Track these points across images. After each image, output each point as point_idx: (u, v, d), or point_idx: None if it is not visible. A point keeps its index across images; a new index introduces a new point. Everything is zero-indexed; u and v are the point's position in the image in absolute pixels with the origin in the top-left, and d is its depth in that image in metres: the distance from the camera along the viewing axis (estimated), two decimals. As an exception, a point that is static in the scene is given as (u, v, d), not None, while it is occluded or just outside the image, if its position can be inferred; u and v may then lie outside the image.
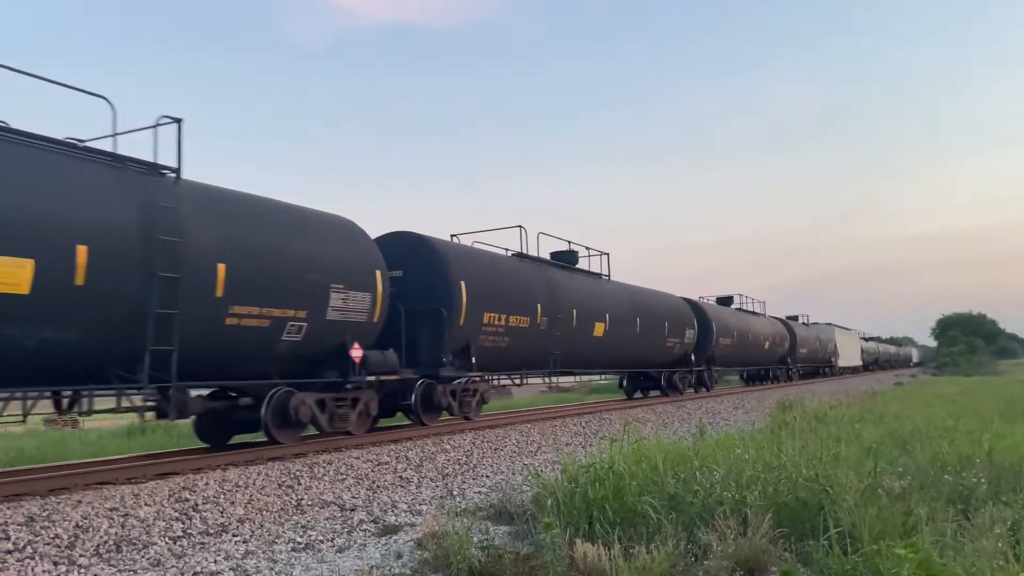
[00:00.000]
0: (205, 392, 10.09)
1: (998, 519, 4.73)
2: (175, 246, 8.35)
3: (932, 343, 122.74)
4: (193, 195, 9.09)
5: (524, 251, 16.56)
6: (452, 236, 16.00)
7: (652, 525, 5.05)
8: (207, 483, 7.75)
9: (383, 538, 6.15)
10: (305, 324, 10.07)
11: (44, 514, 6.29)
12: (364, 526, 6.62)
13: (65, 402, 8.37)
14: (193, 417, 10.16)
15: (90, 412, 8.46)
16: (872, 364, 72.27)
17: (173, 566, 5.38)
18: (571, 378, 23.63)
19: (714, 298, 31.43)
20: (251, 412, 10.07)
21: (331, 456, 9.79)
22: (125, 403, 8.65)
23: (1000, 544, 4.17)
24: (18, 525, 5.94)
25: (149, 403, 8.82)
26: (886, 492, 5.34)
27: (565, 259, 18.32)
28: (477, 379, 14.00)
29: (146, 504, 6.81)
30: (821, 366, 48.52)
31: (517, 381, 16.88)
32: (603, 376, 28.43)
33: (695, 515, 5.22)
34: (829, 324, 53.51)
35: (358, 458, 9.74)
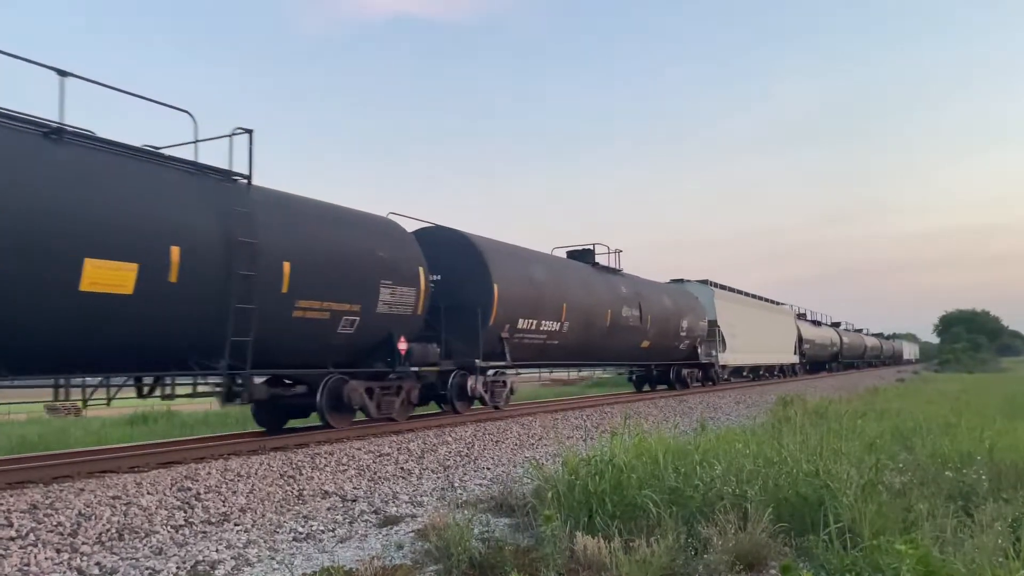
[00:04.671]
0: (262, 379, 10.72)
1: (999, 516, 4.73)
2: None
3: (935, 340, 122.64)
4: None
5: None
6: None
7: (652, 519, 5.05)
8: (209, 472, 7.79)
9: (384, 529, 6.17)
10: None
11: (47, 502, 6.32)
12: (365, 517, 6.64)
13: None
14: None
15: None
16: (830, 361, 51.65)
17: (175, 555, 5.41)
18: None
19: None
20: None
21: (333, 447, 9.82)
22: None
23: (1000, 541, 4.17)
24: (21, 512, 5.97)
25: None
26: (887, 488, 5.34)
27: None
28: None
29: (148, 493, 6.84)
30: (669, 365, 24.25)
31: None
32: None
33: (695, 509, 5.23)
34: (706, 282, 28.84)
35: (360, 449, 9.78)
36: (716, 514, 4.89)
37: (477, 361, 13.83)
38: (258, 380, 10.21)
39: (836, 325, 59.11)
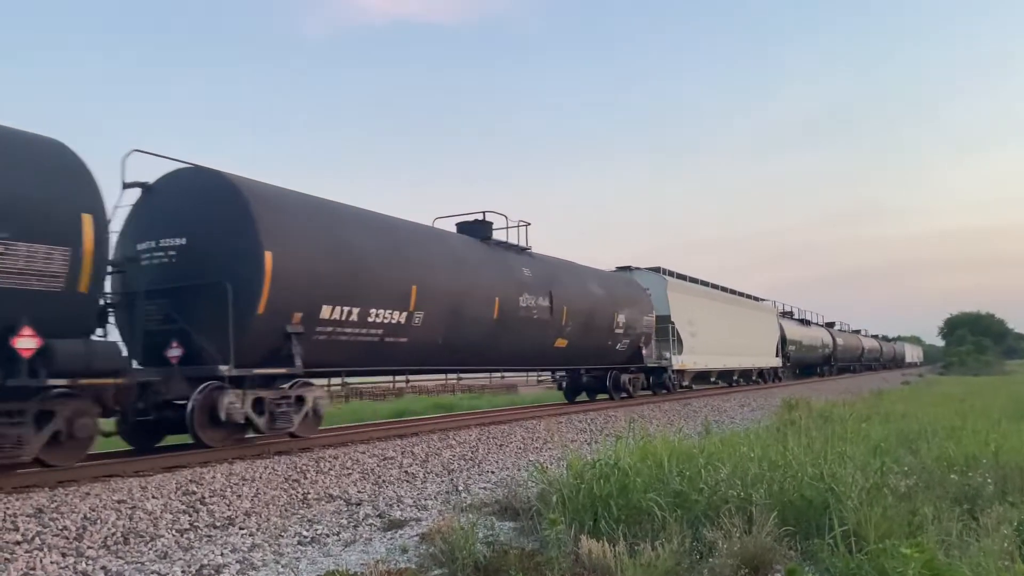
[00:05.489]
0: None
1: (1004, 519, 4.72)
2: None
3: (940, 342, 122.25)
4: None
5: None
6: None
7: (657, 522, 5.06)
8: (214, 476, 7.80)
9: (388, 533, 6.19)
10: None
11: (52, 505, 6.34)
12: (370, 521, 6.65)
13: None
14: None
15: None
16: (822, 364, 47.88)
17: (180, 559, 5.42)
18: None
19: None
20: None
21: (337, 451, 9.84)
22: None
23: (1006, 544, 4.17)
24: (27, 516, 5.99)
25: None
26: (892, 491, 5.33)
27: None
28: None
29: (153, 497, 6.86)
30: (605, 368, 19.57)
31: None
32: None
33: (700, 513, 5.23)
34: (657, 270, 24.49)
35: (364, 453, 9.79)
36: (721, 517, 4.88)
37: (223, 368, 9.08)
38: None
39: (830, 325, 54.53)
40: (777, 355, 36.09)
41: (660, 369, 22.12)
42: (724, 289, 31.73)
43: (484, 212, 15.47)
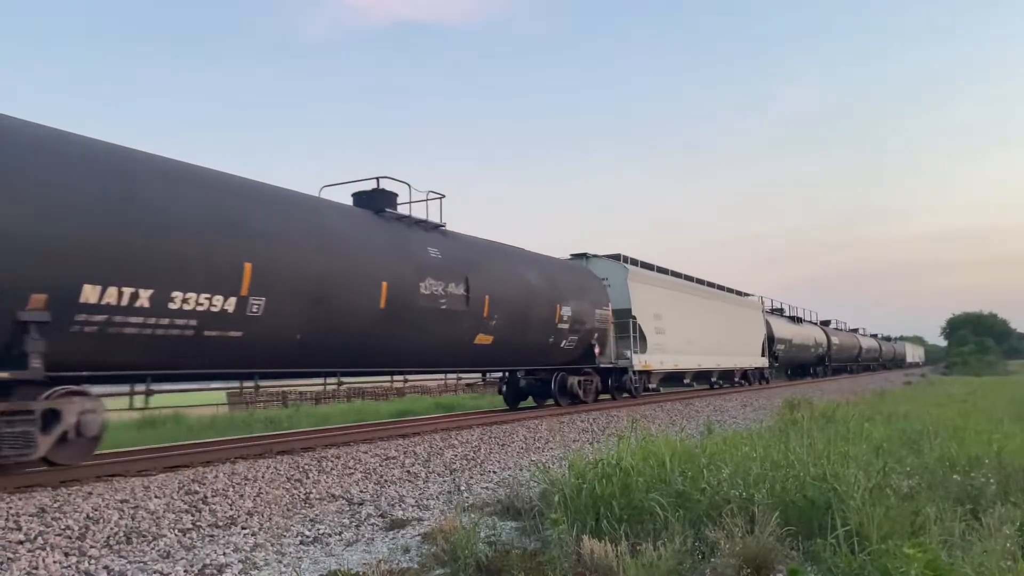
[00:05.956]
0: None
1: (1007, 519, 4.72)
2: None
3: (943, 342, 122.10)
4: None
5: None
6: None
7: (659, 522, 5.05)
8: (216, 476, 7.81)
9: (391, 532, 6.19)
10: None
11: (55, 505, 6.35)
12: (372, 520, 6.65)
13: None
14: None
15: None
16: (815, 365, 45.01)
17: (183, 558, 5.43)
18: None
19: None
20: None
21: (339, 451, 9.85)
22: None
23: (1009, 544, 4.16)
24: (29, 516, 6.00)
25: None
26: (894, 491, 5.32)
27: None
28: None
29: (156, 496, 6.87)
30: (550, 370, 16.85)
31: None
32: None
33: (702, 513, 5.22)
34: (617, 258, 21.33)
35: (366, 452, 9.80)
36: (723, 517, 4.88)
37: None
38: None
39: (825, 323, 51.49)
40: (763, 354, 33.24)
41: (621, 370, 19.51)
42: (701, 281, 28.47)
43: (379, 178, 12.36)
